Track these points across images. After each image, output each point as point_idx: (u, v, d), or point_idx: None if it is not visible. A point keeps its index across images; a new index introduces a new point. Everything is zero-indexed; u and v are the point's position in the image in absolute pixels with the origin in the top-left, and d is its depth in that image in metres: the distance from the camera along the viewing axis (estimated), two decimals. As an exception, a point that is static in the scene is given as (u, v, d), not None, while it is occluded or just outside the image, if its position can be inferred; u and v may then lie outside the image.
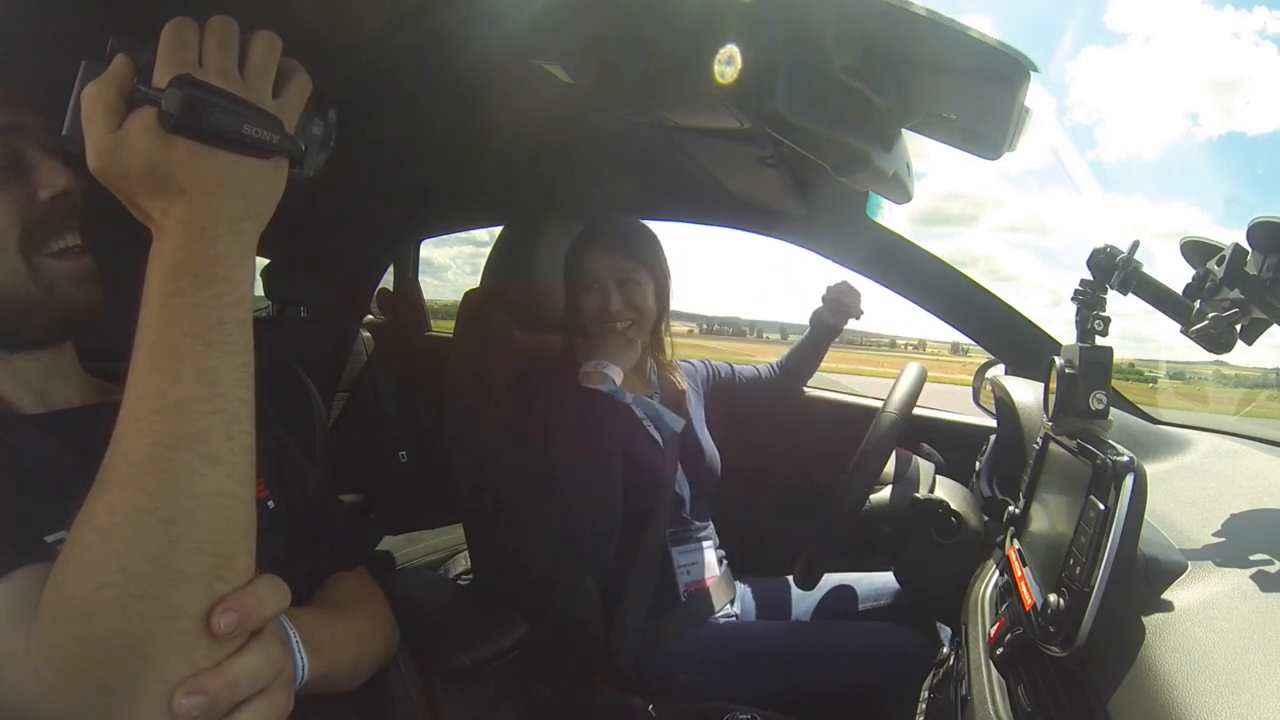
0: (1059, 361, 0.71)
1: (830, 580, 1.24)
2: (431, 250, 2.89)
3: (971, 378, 1.35)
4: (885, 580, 1.23)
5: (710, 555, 1.21)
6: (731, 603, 1.21)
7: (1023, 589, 0.64)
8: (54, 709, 0.40)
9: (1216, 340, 0.65)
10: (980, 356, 1.39)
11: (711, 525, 1.27)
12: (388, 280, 2.48)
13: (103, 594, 0.38)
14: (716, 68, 0.56)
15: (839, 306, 1.40)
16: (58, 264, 0.57)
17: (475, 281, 1.29)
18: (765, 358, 1.55)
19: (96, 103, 0.42)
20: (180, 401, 0.41)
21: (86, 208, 0.58)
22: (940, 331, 1.47)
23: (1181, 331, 0.70)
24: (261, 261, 2.01)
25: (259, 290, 2.07)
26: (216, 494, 0.41)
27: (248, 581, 0.43)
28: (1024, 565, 0.68)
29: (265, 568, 0.44)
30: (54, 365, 0.60)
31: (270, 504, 0.65)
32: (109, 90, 0.42)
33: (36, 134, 0.57)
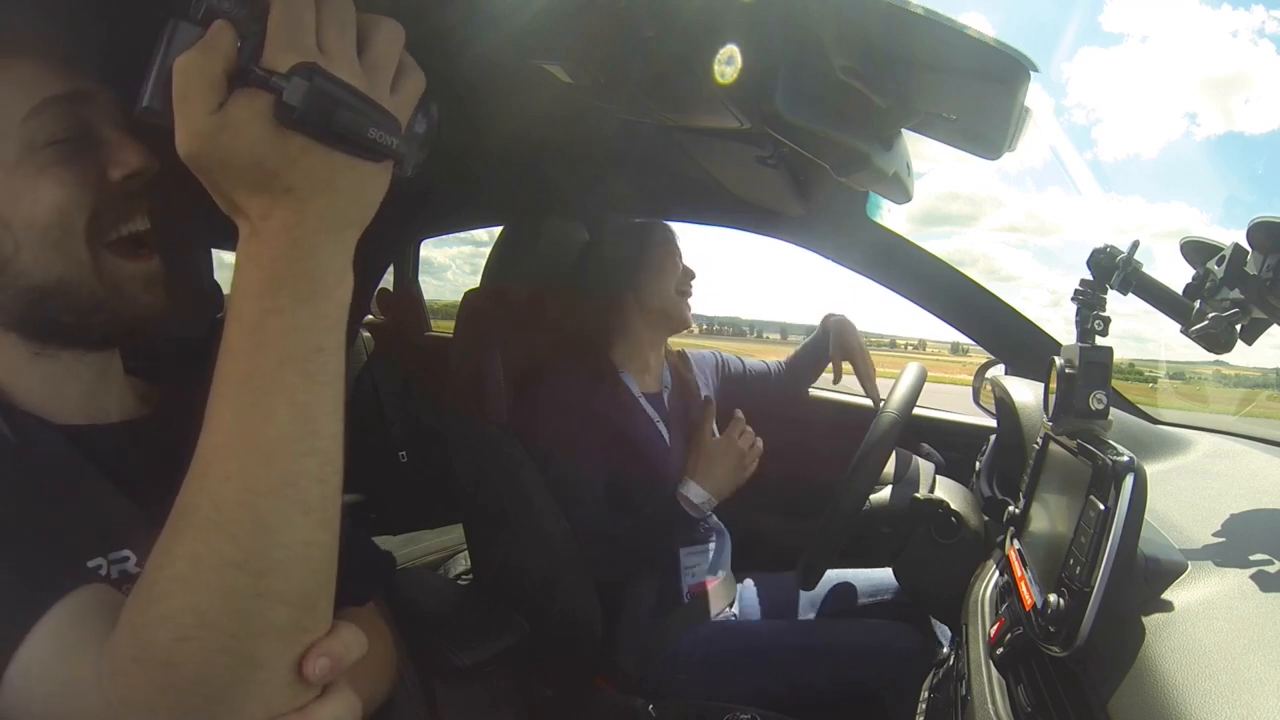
0: (1059, 361, 0.70)
1: (831, 578, 1.24)
2: (431, 250, 2.89)
3: (971, 378, 1.35)
4: (885, 576, 1.23)
5: (714, 556, 1.21)
6: (731, 604, 1.21)
7: (1023, 589, 0.64)
8: None
9: (1216, 340, 0.65)
10: (980, 356, 1.39)
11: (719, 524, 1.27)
12: (388, 280, 2.48)
13: (184, 646, 0.36)
14: (716, 68, 0.56)
15: (841, 348, 1.41)
16: (127, 265, 0.52)
17: (475, 281, 1.29)
18: (766, 358, 1.55)
19: (197, 77, 0.35)
20: (273, 441, 0.36)
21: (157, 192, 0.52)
22: (940, 331, 1.47)
23: (1181, 331, 0.70)
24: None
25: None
26: (306, 544, 0.37)
27: (331, 628, 0.40)
28: (1024, 565, 0.68)
29: None
30: (105, 371, 0.55)
31: None
32: (213, 64, 0.35)
33: (107, 107, 0.51)
